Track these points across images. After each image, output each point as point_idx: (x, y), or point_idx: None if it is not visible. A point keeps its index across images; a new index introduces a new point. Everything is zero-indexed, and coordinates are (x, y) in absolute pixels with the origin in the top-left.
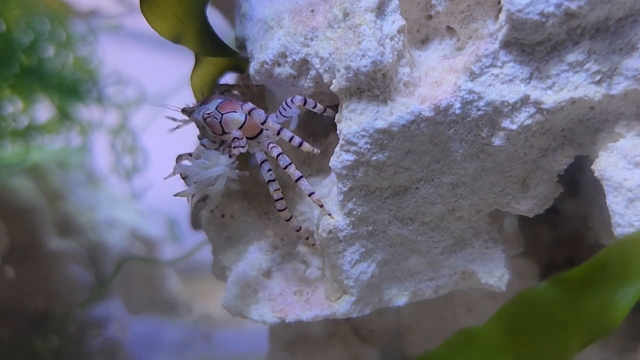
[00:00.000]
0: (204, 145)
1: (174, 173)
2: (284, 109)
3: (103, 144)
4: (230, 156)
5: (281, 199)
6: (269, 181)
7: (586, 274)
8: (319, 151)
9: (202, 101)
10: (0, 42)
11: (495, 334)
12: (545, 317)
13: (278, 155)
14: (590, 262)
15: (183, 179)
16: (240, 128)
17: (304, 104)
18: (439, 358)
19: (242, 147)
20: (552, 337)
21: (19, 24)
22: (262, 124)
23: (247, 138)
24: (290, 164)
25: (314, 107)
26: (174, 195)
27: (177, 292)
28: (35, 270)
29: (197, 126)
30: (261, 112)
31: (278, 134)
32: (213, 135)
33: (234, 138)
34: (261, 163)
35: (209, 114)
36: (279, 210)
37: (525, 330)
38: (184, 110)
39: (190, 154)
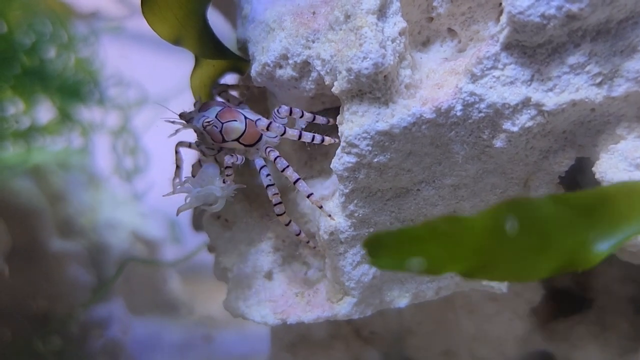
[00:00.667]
0: (202, 152)
1: (173, 192)
2: (274, 119)
3: (104, 145)
4: (224, 181)
5: (280, 203)
6: (268, 186)
7: (587, 201)
8: (335, 140)
9: (200, 107)
10: (2, 43)
11: (479, 227)
12: (534, 228)
13: (275, 159)
14: (597, 191)
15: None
16: (240, 136)
17: (290, 113)
18: (420, 237)
19: (238, 164)
20: (534, 248)
21: (20, 25)
22: (267, 128)
23: (247, 146)
24: (287, 166)
25: (300, 117)
26: (177, 212)
27: (178, 293)
28: (36, 271)
29: (195, 132)
30: (264, 120)
31: (283, 134)
32: (212, 142)
33: (227, 167)
34: (260, 169)
35: (208, 122)
36: (278, 215)
37: (512, 234)
38: (181, 116)
39: (190, 144)
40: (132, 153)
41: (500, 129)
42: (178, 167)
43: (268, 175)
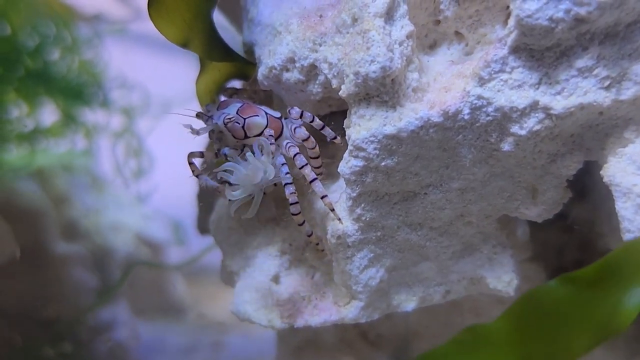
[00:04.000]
0: (225, 155)
1: (218, 174)
2: (291, 121)
3: (108, 147)
4: (270, 154)
5: (296, 203)
6: (287, 184)
7: (596, 274)
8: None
9: (219, 106)
10: (6, 46)
11: (503, 331)
12: (554, 316)
13: (295, 155)
14: (601, 262)
15: (221, 183)
16: (262, 132)
17: (301, 116)
18: (446, 356)
19: (273, 143)
20: (560, 335)
21: (24, 28)
22: (305, 140)
23: None
24: (306, 164)
25: (311, 121)
26: (229, 201)
27: (183, 296)
28: (41, 274)
29: (212, 133)
30: (297, 108)
31: (307, 139)
32: (235, 140)
33: (269, 135)
34: (280, 166)
35: (230, 118)
36: (293, 214)
37: (534, 328)
38: (198, 116)
39: (201, 153)
40: (136, 155)
41: (508, 132)
42: (198, 177)
43: (287, 173)
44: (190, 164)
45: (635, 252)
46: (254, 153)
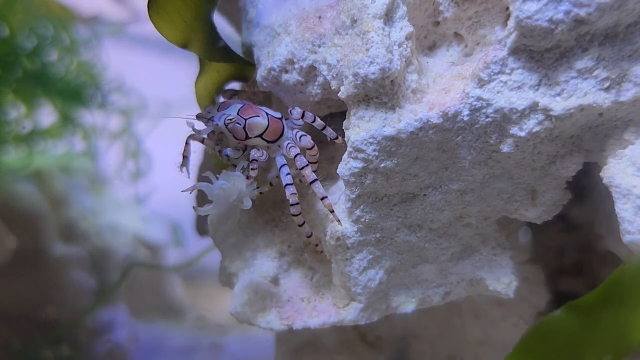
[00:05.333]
0: (227, 156)
1: (191, 190)
2: (292, 122)
3: (106, 148)
4: (247, 178)
5: (297, 204)
6: (287, 184)
7: (602, 297)
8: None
9: (219, 106)
10: (4, 47)
11: None
12: (565, 345)
13: (296, 156)
14: (605, 284)
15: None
16: (264, 132)
17: (302, 117)
18: None
19: (261, 166)
20: None
21: (22, 29)
22: (309, 149)
23: (269, 142)
24: (307, 165)
25: (312, 122)
26: (195, 211)
27: (181, 297)
28: (39, 276)
29: (213, 134)
30: (298, 109)
31: (311, 148)
32: (236, 141)
33: (252, 160)
34: (280, 167)
35: (230, 119)
36: (293, 215)
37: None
38: (199, 117)
39: (203, 139)
40: (134, 156)
41: (507, 134)
42: (185, 157)
43: (288, 174)
44: (186, 144)
45: (637, 270)
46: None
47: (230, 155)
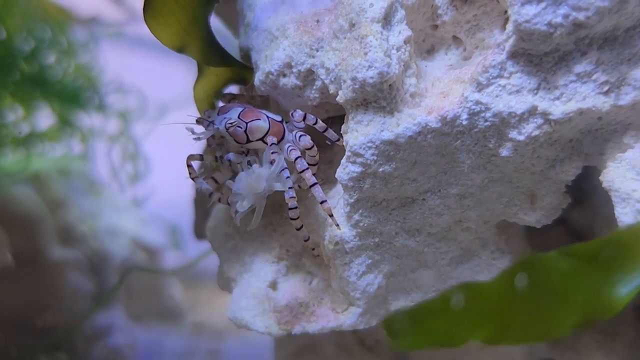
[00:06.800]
0: (230, 161)
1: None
2: (293, 124)
3: (105, 151)
4: (271, 163)
5: (296, 208)
6: (288, 188)
7: (597, 250)
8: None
9: (219, 111)
10: (1, 50)
11: (495, 292)
12: (548, 285)
13: (296, 159)
14: (604, 239)
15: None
16: (265, 135)
17: (304, 119)
18: (433, 309)
19: (278, 152)
20: (549, 306)
21: (19, 31)
22: (308, 149)
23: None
24: (307, 168)
25: (314, 124)
26: (235, 218)
27: (180, 301)
28: (37, 280)
29: (213, 138)
30: (299, 111)
31: (310, 148)
32: (237, 145)
33: (272, 144)
34: (281, 170)
35: (231, 123)
36: (292, 219)
37: (529, 293)
38: (199, 121)
39: (201, 156)
40: (132, 159)
41: (506, 138)
42: (194, 178)
43: (288, 177)
44: (189, 166)
45: (638, 233)
46: (258, 160)
47: (233, 160)
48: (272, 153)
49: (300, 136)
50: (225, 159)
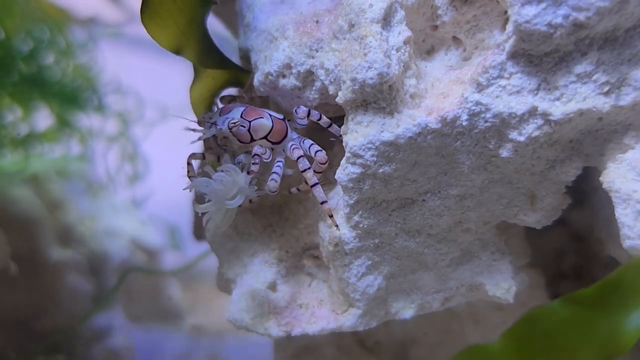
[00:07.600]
0: (241, 162)
1: (191, 187)
2: (296, 121)
3: (103, 152)
4: (248, 173)
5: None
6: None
7: (599, 294)
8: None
9: (220, 111)
10: (0, 50)
11: (504, 352)
12: (556, 336)
13: (299, 158)
14: (603, 282)
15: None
16: (268, 134)
17: (308, 115)
18: None
19: (265, 159)
20: (563, 357)
21: (18, 32)
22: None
23: (273, 143)
24: (309, 168)
25: (318, 120)
26: (196, 210)
27: (179, 302)
28: (36, 281)
29: (214, 140)
30: (303, 107)
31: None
32: (240, 145)
33: (255, 155)
34: (277, 162)
35: (234, 123)
36: (271, 192)
37: (536, 349)
38: (200, 122)
39: (203, 154)
40: (131, 160)
41: (506, 138)
42: (191, 177)
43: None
44: (188, 164)
45: (636, 272)
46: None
47: (243, 161)
48: (253, 164)
49: (317, 152)
50: (237, 161)
